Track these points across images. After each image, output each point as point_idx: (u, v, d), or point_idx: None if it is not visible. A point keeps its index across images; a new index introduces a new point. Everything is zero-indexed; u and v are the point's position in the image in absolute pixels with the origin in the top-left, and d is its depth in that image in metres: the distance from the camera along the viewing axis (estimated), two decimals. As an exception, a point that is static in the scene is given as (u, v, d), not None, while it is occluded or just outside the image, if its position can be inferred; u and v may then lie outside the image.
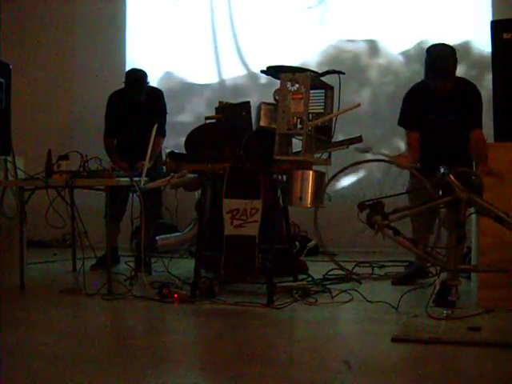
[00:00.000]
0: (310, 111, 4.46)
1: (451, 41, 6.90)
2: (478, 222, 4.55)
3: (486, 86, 7.16)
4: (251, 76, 7.74)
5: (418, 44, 7.21)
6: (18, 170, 5.26)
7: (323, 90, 4.69)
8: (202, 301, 4.60)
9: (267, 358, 3.37)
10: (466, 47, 7.09)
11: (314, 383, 2.94)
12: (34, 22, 8.68)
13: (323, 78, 4.64)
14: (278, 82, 4.40)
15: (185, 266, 6.04)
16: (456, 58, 4.65)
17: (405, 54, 7.33)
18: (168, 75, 8.13)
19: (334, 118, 4.66)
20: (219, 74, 8.00)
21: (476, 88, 4.78)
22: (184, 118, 7.86)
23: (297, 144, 4.49)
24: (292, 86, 4.35)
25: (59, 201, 5.38)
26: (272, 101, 4.59)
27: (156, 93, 6.25)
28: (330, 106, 4.68)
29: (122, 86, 6.13)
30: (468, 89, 4.77)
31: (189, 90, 8.14)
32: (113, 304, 4.65)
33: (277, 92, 4.46)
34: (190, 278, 4.99)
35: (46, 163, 5.15)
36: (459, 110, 4.69)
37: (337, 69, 4.42)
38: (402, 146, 7.07)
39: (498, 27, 4.60)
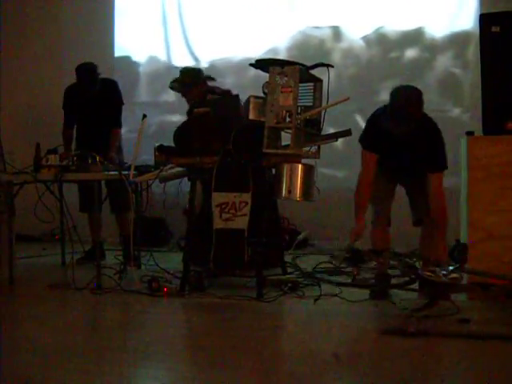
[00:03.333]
0: (298, 104, 4.46)
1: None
2: (467, 216, 4.57)
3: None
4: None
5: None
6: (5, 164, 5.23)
7: (312, 84, 4.69)
8: (192, 294, 4.60)
9: (256, 351, 3.38)
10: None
11: (303, 376, 2.95)
12: (21, 13, 8.64)
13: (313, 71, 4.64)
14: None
15: (174, 260, 6.03)
16: (422, 102, 4.19)
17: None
18: (152, 59, 8.52)
19: (323, 112, 4.66)
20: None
21: (437, 128, 4.37)
22: (168, 98, 8.20)
23: (286, 137, 4.49)
24: (281, 79, 4.35)
25: (48, 195, 5.37)
26: (261, 94, 4.58)
27: (110, 84, 6.22)
28: (319, 99, 4.68)
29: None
30: (430, 131, 4.35)
31: (171, 72, 8.35)
32: (102, 298, 4.65)
33: (266, 85, 4.45)
34: (178, 271, 4.99)
35: (34, 157, 5.13)
36: (418, 150, 4.32)
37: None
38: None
39: (486, 20, 4.60)
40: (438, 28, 7.53)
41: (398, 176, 4.63)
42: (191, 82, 5.66)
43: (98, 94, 6.03)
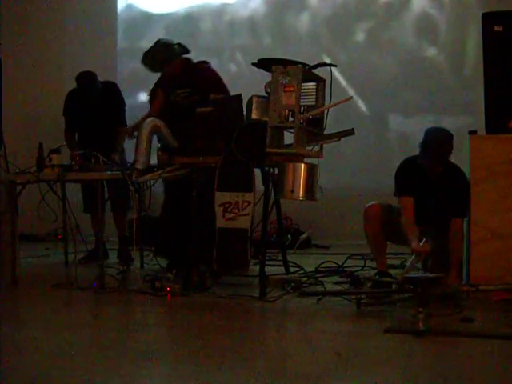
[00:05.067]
0: (301, 104, 4.46)
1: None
2: (470, 215, 4.56)
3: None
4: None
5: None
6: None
7: (315, 83, 4.69)
8: (195, 294, 4.59)
9: (260, 351, 3.38)
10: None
11: (307, 376, 2.95)
12: (25, 13, 8.65)
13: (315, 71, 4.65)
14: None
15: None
16: (452, 144, 4.59)
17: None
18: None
19: (326, 111, 4.67)
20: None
21: (465, 177, 4.64)
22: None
23: (288, 137, 4.49)
24: (283, 78, 4.36)
25: (51, 195, 5.37)
26: (263, 93, 4.59)
27: (110, 87, 6.26)
28: (322, 98, 4.68)
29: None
30: (458, 178, 4.66)
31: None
32: (105, 298, 4.65)
33: (268, 85, 4.46)
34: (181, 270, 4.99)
35: (37, 157, 5.14)
36: (444, 195, 4.64)
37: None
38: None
39: (488, 20, 4.60)
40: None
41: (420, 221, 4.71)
42: (163, 59, 5.43)
43: (99, 98, 6.04)
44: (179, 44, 5.54)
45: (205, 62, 5.64)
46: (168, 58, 5.44)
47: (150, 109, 5.65)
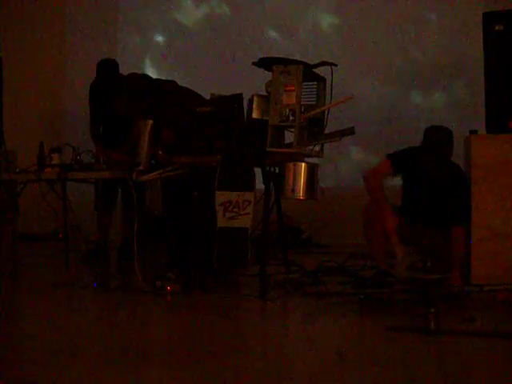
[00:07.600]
0: (302, 103, 4.46)
1: None
2: (471, 215, 4.56)
3: None
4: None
5: None
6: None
7: (315, 82, 4.69)
8: (195, 293, 4.59)
9: (260, 351, 3.38)
10: None
11: (307, 376, 2.94)
12: (25, 14, 8.65)
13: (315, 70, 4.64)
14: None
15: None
16: (452, 143, 4.52)
17: None
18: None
19: (327, 110, 4.67)
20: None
21: (467, 183, 4.55)
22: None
23: (289, 136, 4.49)
24: (284, 78, 4.36)
25: (52, 194, 5.37)
26: (264, 93, 4.59)
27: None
28: (322, 98, 4.69)
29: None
30: (459, 183, 4.58)
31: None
32: (105, 297, 4.65)
33: (269, 84, 4.46)
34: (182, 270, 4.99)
35: (38, 156, 5.13)
36: (444, 198, 4.57)
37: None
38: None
39: (489, 19, 4.60)
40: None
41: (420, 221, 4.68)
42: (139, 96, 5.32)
43: (119, 91, 5.98)
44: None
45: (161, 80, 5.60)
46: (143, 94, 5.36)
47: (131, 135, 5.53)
